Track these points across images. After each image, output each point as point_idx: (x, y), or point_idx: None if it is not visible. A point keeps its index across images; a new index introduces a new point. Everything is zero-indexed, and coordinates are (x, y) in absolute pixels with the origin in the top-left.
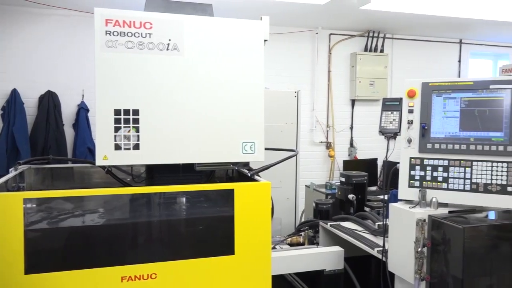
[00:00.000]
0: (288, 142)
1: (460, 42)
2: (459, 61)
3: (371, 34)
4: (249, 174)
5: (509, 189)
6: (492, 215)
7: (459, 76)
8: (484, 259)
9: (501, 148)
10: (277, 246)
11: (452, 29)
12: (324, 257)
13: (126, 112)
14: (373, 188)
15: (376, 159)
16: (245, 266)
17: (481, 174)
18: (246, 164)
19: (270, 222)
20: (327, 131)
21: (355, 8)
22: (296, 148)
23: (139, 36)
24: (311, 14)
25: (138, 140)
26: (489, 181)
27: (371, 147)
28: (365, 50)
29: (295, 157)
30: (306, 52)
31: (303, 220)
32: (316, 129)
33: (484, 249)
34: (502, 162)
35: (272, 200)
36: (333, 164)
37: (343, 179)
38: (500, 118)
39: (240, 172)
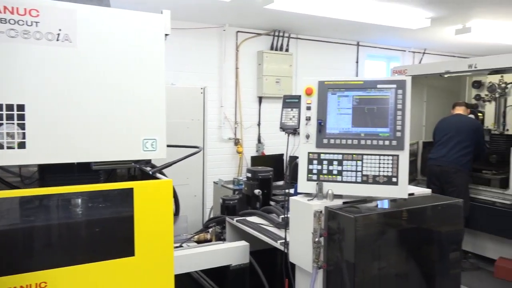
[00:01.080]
0: (195, 139)
1: (358, 45)
2: (357, 62)
3: (276, 33)
4: (150, 172)
5: (393, 179)
6: (382, 204)
7: (357, 76)
8: (375, 244)
9: (387, 142)
10: (184, 244)
11: (350, 32)
12: (229, 252)
13: (9, 107)
14: (281, 183)
15: (282, 154)
16: (146, 267)
17: (371, 167)
18: (148, 162)
19: (172, 220)
20: (235, 127)
21: (259, 7)
22: (203, 145)
23: (23, 24)
24: (218, 11)
25: (23, 138)
26: (377, 173)
27: (278, 143)
28: (271, 48)
29: (202, 154)
30: (214, 49)
31: (211, 216)
32: (224, 125)
33: (374, 235)
34: (388, 155)
35: (177, 197)
36: (241, 160)
37: (249, 175)
38: (386, 115)
39: (143, 171)
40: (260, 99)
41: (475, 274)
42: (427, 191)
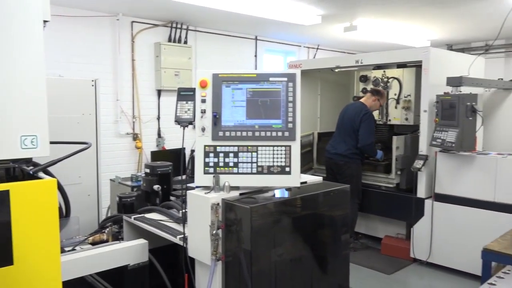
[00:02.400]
0: (87, 134)
1: (256, 39)
2: (256, 55)
3: (174, 25)
4: (31, 172)
5: (287, 169)
6: (278, 193)
7: (256, 69)
8: (271, 232)
9: (279, 133)
10: (77, 247)
11: (249, 27)
12: (127, 251)
13: None
14: (183, 177)
15: (184, 148)
16: (28, 276)
17: (265, 158)
18: (29, 161)
19: (57, 223)
20: (133, 122)
21: None
22: (96, 141)
23: None
24: None
25: None
26: (271, 163)
27: (180, 137)
28: (169, 40)
29: (95, 150)
30: (107, 39)
31: (108, 216)
32: (121, 120)
33: (270, 223)
34: (281, 146)
35: (67, 197)
36: (141, 156)
37: (148, 170)
38: (278, 107)
39: (24, 171)
40: (159, 92)
41: (365, 252)
42: (319, 179)
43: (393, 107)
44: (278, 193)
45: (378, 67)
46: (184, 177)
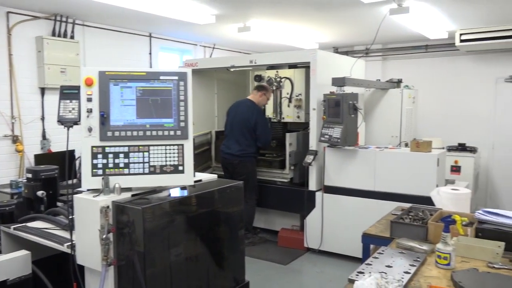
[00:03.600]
0: None
1: (150, 36)
2: (150, 53)
3: (58, 18)
4: None
5: (180, 168)
6: (172, 193)
7: (151, 67)
8: (165, 233)
9: (172, 132)
10: None
11: (142, 23)
12: (5, 265)
13: None
14: (73, 181)
15: (73, 150)
16: None
17: (158, 157)
18: None
19: None
20: (13, 123)
21: None
22: None
23: None
24: None
25: None
26: (164, 163)
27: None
28: (53, 34)
29: None
30: None
31: None
32: None
33: (164, 223)
34: (173, 145)
35: None
36: (22, 160)
37: (30, 175)
38: (169, 106)
39: None
40: (43, 90)
41: (263, 246)
42: (213, 176)
43: (286, 106)
44: (172, 193)
45: (271, 67)
46: (74, 181)
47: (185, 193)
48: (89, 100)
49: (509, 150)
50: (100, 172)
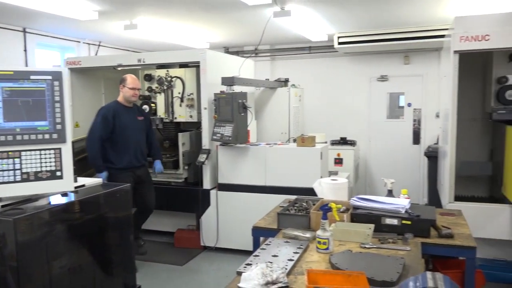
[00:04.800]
0: None
1: (24, 31)
2: (25, 50)
3: None
4: None
5: (58, 173)
6: (51, 200)
7: (27, 65)
8: (43, 244)
9: (47, 136)
10: None
11: (14, 17)
12: None
13: None
14: None
15: None
16: None
17: (31, 163)
18: None
19: None
20: None
21: None
22: None
23: None
24: None
25: None
26: (39, 169)
27: None
28: None
29: None
30: None
31: None
32: None
33: (41, 234)
34: (49, 149)
35: None
36: None
37: None
38: (43, 107)
39: None
40: None
41: (158, 248)
42: (98, 180)
43: (178, 105)
44: (52, 200)
45: (161, 66)
46: None
47: (66, 199)
48: None
49: (383, 142)
50: None
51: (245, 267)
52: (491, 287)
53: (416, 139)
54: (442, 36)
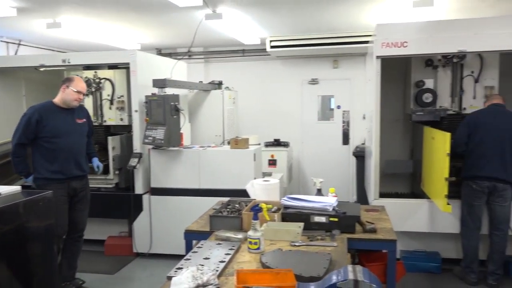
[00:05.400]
0: None
1: None
2: None
3: None
4: None
5: None
6: None
7: None
8: None
9: None
10: None
11: None
12: None
13: None
14: None
15: None
16: None
17: None
18: None
19: None
20: None
21: None
22: None
23: None
24: None
25: None
26: None
27: None
28: None
29: None
30: None
31: None
32: None
33: None
34: None
35: None
36: None
37: None
38: None
39: None
40: None
41: (87, 258)
42: (16, 188)
43: (107, 108)
44: None
45: (89, 67)
46: None
47: None
48: None
49: (314, 143)
50: None
51: (175, 271)
52: (413, 277)
53: (345, 140)
54: (367, 42)
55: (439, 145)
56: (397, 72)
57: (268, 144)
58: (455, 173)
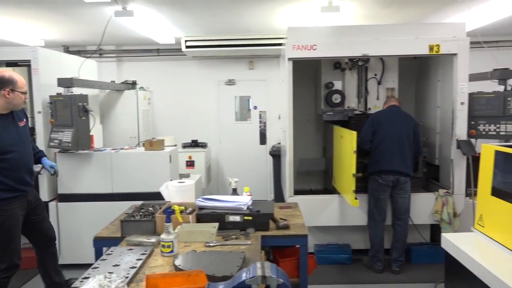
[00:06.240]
0: None
1: None
2: None
3: None
4: None
5: None
6: None
7: None
8: None
9: None
10: None
11: None
12: None
13: None
14: None
15: None
16: None
17: None
18: None
19: None
20: None
21: None
22: None
23: None
24: None
25: None
26: None
27: None
28: None
29: None
30: None
31: None
32: None
33: None
34: None
35: None
36: None
37: None
38: None
39: None
40: None
41: None
42: None
43: None
44: None
45: None
46: None
47: None
48: None
49: (232, 144)
50: None
51: (81, 281)
52: (326, 269)
53: (263, 140)
54: (281, 44)
55: (347, 143)
56: (309, 74)
57: (185, 145)
58: (363, 169)
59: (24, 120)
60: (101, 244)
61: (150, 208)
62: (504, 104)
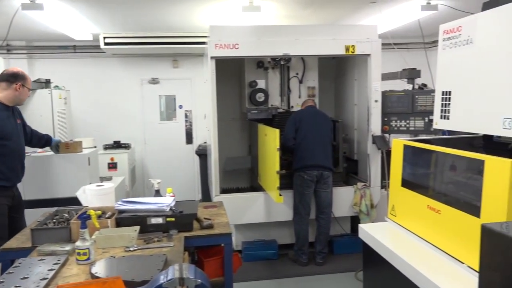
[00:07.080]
0: None
1: None
2: None
3: None
4: None
5: None
6: None
7: None
8: None
9: None
10: None
11: None
12: None
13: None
14: None
15: None
16: None
17: None
18: None
19: None
20: None
21: None
22: None
23: None
24: None
25: None
26: None
27: None
28: None
29: None
30: None
31: None
32: None
33: None
34: None
35: None
36: None
37: None
38: None
39: None
40: None
41: None
42: None
43: None
44: None
45: None
46: None
47: None
48: None
49: (158, 144)
50: None
51: None
52: (253, 266)
53: (189, 139)
54: (205, 43)
55: (270, 141)
56: (233, 73)
57: (107, 147)
58: (287, 166)
59: (19, 120)
60: (9, 256)
61: (65, 215)
62: (412, 101)
